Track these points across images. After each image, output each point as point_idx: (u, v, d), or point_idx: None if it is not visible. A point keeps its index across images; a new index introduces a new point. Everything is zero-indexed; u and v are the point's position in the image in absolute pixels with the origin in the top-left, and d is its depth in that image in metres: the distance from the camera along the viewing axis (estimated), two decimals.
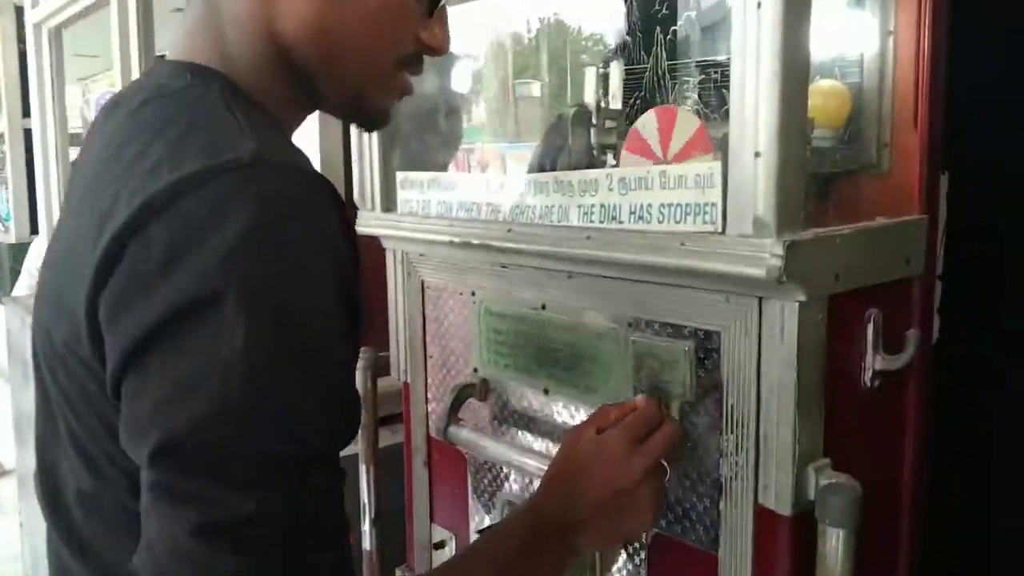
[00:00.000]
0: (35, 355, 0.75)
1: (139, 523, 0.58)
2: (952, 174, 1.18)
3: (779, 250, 0.75)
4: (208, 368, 0.54)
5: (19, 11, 5.42)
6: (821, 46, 1.03)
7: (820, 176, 1.01)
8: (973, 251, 1.10)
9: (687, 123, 0.88)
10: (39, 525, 0.74)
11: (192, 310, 0.55)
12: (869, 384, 0.90)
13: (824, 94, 0.98)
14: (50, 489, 0.74)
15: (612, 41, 1.22)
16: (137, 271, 0.57)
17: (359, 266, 0.65)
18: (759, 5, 0.73)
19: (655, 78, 1.19)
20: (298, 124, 0.80)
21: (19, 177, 5.92)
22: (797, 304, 0.79)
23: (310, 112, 0.80)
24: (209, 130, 0.62)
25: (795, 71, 0.75)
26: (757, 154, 0.75)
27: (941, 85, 0.95)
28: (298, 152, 0.68)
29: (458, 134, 1.38)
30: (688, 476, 0.92)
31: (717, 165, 0.81)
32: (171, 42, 0.74)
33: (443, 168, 1.38)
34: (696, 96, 1.17)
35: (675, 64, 1.17)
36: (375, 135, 1.23)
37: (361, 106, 0.77)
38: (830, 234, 0.81)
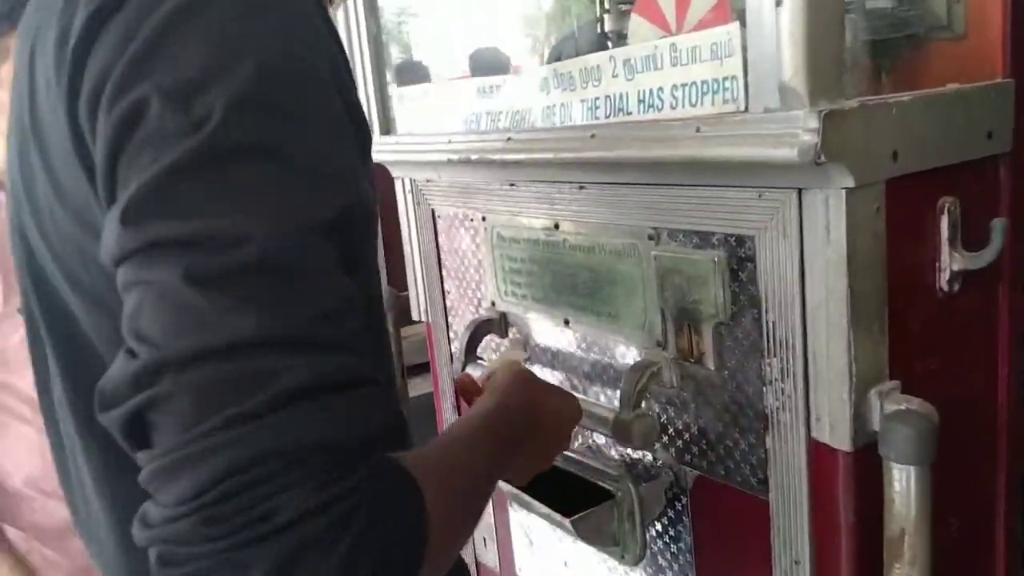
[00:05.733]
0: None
1: None
2: None
3: (813, 122, 0.59)
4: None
5: None
6: None
7: (877, 44, 0.83)
8: None
9: None
10: None
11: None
12: (947, 289, 0.74)
13: None
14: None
15: None
16: (117, 50, 0.47)
17: (347, 61, 0.55)
18: None
19: None
20: None
21: None
22: (844, 192, 0.63)
23: None
24: None
25: None
26: (778, 2, 0.59)
27: None
28: None
29: None
30: (728, 409, 0.78)
31: (735, 28, 0.65)
32: None
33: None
34: None
35: None
36: (366, 52, 1.10)
37: None
38: (883, 102, 0.65)
